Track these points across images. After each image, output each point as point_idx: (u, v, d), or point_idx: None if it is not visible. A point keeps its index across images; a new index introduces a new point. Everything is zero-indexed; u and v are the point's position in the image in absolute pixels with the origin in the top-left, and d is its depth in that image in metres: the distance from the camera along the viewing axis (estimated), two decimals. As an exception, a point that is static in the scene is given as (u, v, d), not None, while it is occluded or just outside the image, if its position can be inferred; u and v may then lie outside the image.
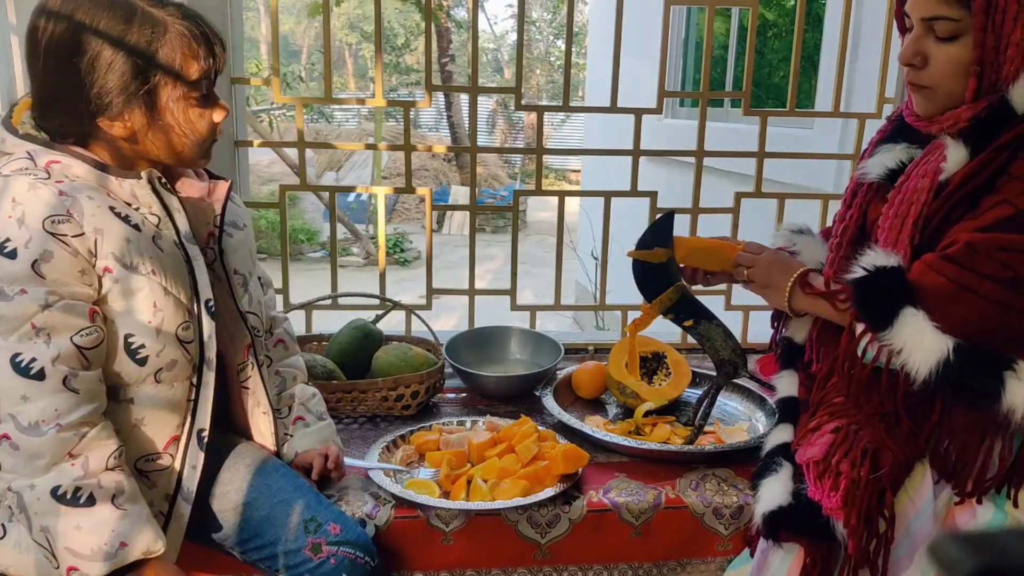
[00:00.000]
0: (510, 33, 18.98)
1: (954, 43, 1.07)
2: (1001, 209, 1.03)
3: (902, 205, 1.14)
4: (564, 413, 1.63)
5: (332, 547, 1.18)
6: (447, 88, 6.28)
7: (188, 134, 1.12)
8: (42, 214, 1.01)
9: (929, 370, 1.03)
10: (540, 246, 9.28)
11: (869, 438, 1.11)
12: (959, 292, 1.03)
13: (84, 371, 1.04)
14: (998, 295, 1.01)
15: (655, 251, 1.45)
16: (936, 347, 1.02)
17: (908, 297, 1.05)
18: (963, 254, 1.03)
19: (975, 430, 1.07)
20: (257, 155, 9.92)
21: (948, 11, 1.06)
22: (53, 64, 1.05)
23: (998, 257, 1.01)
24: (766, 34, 4.81)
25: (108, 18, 1.04)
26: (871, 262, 1.10)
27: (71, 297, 1.03)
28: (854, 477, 1.08)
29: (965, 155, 1.08)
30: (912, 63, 1.12)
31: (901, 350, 1.04)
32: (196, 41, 1.08)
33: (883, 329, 1.06)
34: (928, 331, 1.03)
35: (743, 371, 1.54)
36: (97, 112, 1.06)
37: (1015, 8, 1.03)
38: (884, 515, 1.08)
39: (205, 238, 1.24)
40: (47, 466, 1.01)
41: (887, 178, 1.20)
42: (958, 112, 1.10)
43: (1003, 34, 1.04)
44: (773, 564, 1.16)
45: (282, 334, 1.49)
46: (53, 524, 1.01)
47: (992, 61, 1.06)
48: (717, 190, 2.33)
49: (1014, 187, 1.02)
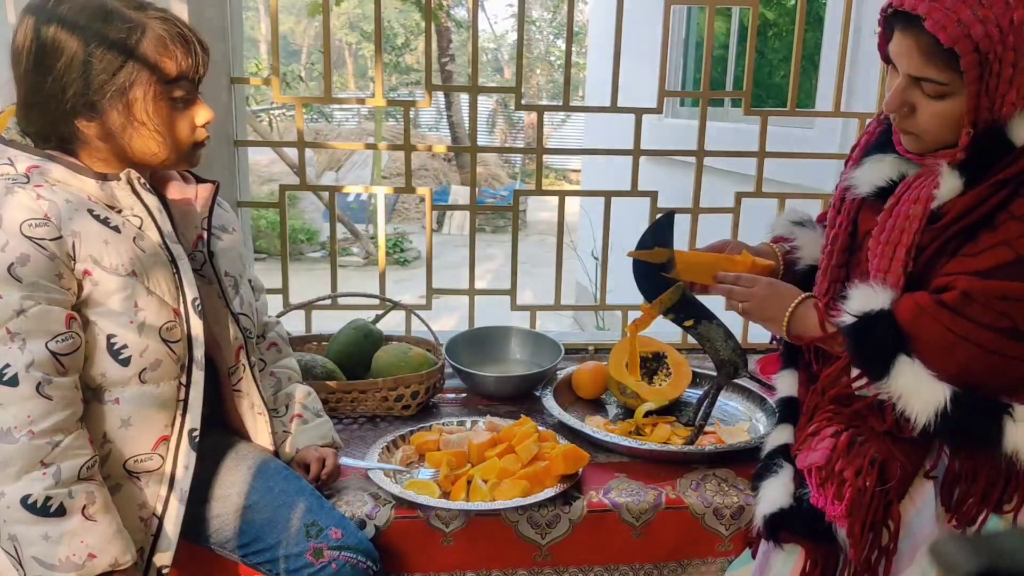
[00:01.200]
0: (510, 33, 18.98)
1: (943, 100, 1.05)
2: (1001, 252, 1.01)
3: (893, 231, 1.12)
4: (564, 413, 1.63)
5: (333, 552, 1.18)
6: (447, 88, 6.30)
7: (165, 136, 1.12)
8: (19, 218, 1.02)
9: (928, 419, 1.02)
10: (540, 246, 9.28)
11: (876, 449, 1.10)
12: (956, 342, 1.02)
13: (59, 377, 1.03)
14: (995, 345, 1.00)
15: (655, 251, 1.45)
16: (933, 396, 1.02)
17: (902, 345, 1.05)
18: (960, 303, 1.02)
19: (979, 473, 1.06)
20: (257, 155, 9.92)
21: (937, 75, 1.03)
22: (31, 65, 1.06)
23: (997, 307, 1.00)
24: (766, 34, 4.81)
25: (85, 19, 1.04)
26: (860, 307, 1.09)
27: (47, 302, 1.02)
28: (859, 486, 1.07)
29: (959, 184, 1.06)
30: (899, 112, 1.10)
31: (899, 397, 1.04)
32: (173, 41, 1.09)
33: (880, 379, 1.06)
34: (925, 380, 1.03)
35: (743, 371, 1.54)
36: (74, 113, 1.07)
37: (1010, 72, 1.00)
38: (888, 527, 1.07)
39: (194, 241, 1.24)
40: (18, 474, 1.00)
41: (876, 195, 1.19)
42: (953, 153, 1.08)
43: (997, 95, 1.02)
44: (775, 565, 1.16)
45: (275, 337, 1.50)
46: (22, 533, 1.00)
47: (987, 119, 1.04)
48: (717, 190, 2.33)
49: (1014, 228, 1.01)
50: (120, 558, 1.05)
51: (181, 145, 1.15)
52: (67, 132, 1.10)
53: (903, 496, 1.09)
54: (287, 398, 1.43)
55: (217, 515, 1.24)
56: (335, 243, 2.13)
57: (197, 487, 1.19)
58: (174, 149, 1.14)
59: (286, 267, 2.12)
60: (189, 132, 1.15)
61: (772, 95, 4.79)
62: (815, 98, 3.17)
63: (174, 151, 1.14)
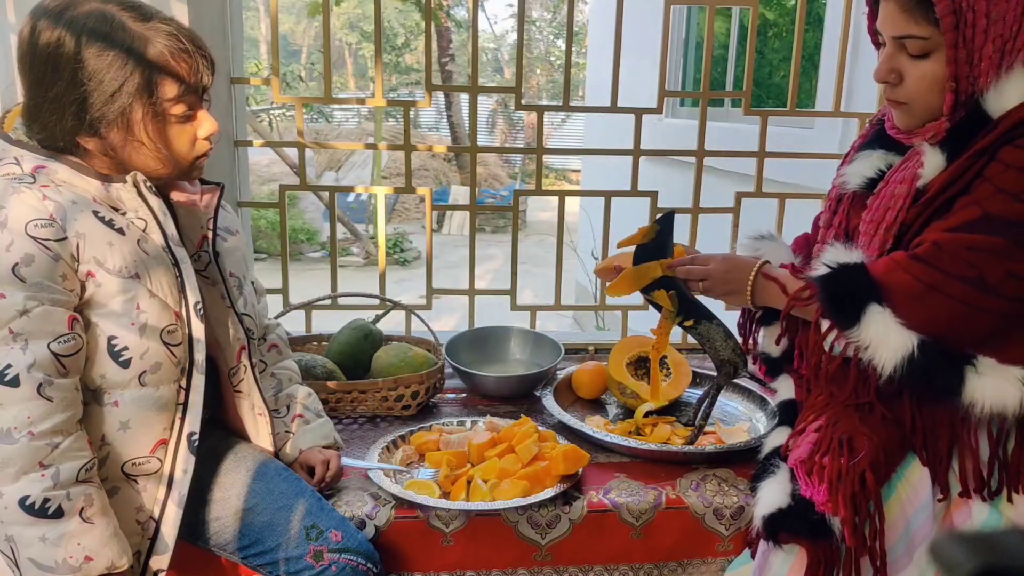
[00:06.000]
0: (510, 33, 18.98)
1: (927, 60, 1.09)
2: (970, 211, 1.04)
3: (879, 211, 1.16)
4: (564, 413, 1.62)
5: (334, 554, 1.18)
6: (447, 88, 6.29)
7: (166, 153, 1.11)
8: (25, 218, 1.01)
9: (895, 365, 1.05)
10: (540, 246, 9.28)
11: (845, 429, 1.13)
12: (926, 290, 1.04)
13: (60, 379, 1.03)
14: (963, 295, 1.03)
15: (641, 229, 1.45)
16: (901, 343, 1.05)
17: (874, 294, 1.07)
18: (930, 253, 1.05)
19: (943, 425, 1.09)
20: (257, 155, 9.92)
21: (918, 30, 1.07)
22: (35, 77, 1.06)
23: (964, 257, 1.02)
24: (766, 34, 4.81)
25: (89, 33, 1.03)
26: (834, 259, 1.12)
27: (50, 303, 1.02)
28: (836, 467, 1.10)
29: (942, 161, 1.10)
30: (887, 80, 1.13)
31: (868, 346, 1.06)
32: (176, 57, 1.07)
33: (850, 327, 1.08)
34: (894, 328, 1.05)
35: (743, 371, 1.54)
36: (75, 131, 1.07)
37: (984, 22, 1.03)
38: (868, 496, 1.08)
39: (198, 242, 1.24)
40: (16, 474, 0.99)
41: (866, 187, 1.22)
42: (938, 124, 1.11)
43: (975, 47, 1.05)
44: (774, 565, 1.16)
45: (275, 339, 1.50)
46: (19, 534, 1.00)
47: (966, 75, 1.07)
48: (717, 190, 2.33)
49: (985, 189, 1.04)
50: (116, 561, 1.05)
51: (182, 161, 1.14)
52: (68, 145, 1.09)
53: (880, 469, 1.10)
54: (288, 399, 1.43)
55: (217, 517, 1.24)
56: (335, 243, 2.13)
57: (197, 489, 1.19)
58: (175, 165, 1.14)
59: (286, 267, 2.12)
60: (190, 146, 1.14)
61: (772, 95, 4.79)
62: (815, 98, 3.17)
63: (175, 167, 1.14)
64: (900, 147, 1.20)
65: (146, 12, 1.08)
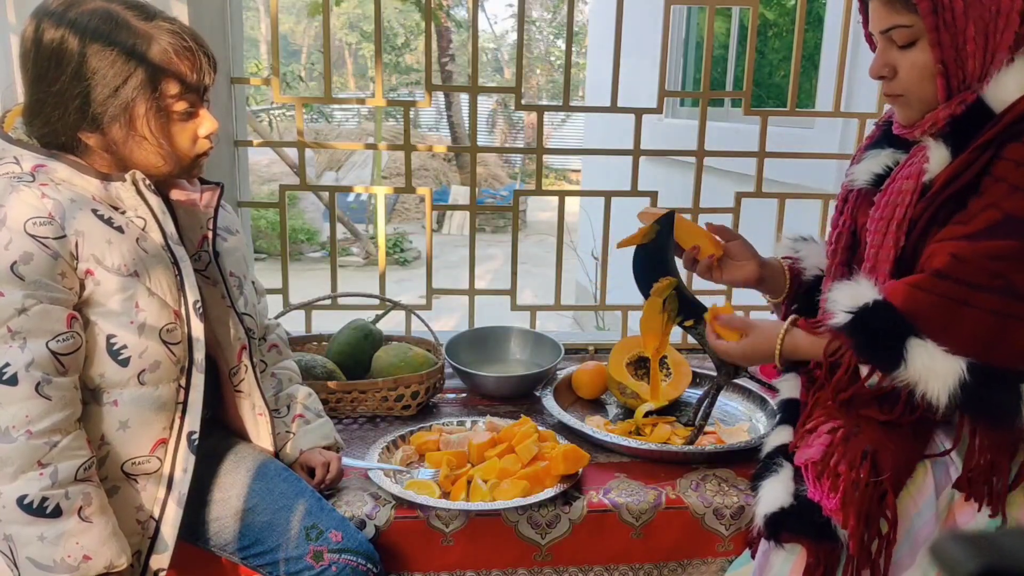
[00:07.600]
0: (510, 33, 18.98)
1: (914, 48, 1.09)
2: (989, 213, 1.02)
3: (887, 207, 1.14)
4: (564, 413, 1.62)
5: (334, 555, 1.18)
6: (447, 88, 6.29)
7: (167, 149, 1.11)
8: (24, 216, 1.01)
9: (948, 394, 1.01)
10: (540, 246, 9.28)
11: (869, 439, 1.10)
12: (955, 308, 1.01)
13: (59, 377, 1.03)
14: (993, 304, 1.00)
15: (641, 230, 1.45)
16: (950, 370, 1.01)
17: (906, 328, 1.03)
18: (951, 267, 1.02)
19: (1003, 450, 1.06)
20: (257, 155, 9.92)
21: (899, 19, 1.08)
22: (35, 75, 1.06)
23: (988, 266, 1.00)
24: (766, 34, 4.81)
25: (92, 31, 1.03)
26: (851, 303, 1.08)
27: (49, 301, 1.02)
28: (853, 478, 1.07)
29: (947, 155, 1.09)
30: (882, 75, 1.14)
31: (918, 382, 1.03)
32: (178, 55, 1.08)
33: (895, 368, 1.04)
34: (939, 357, 1.01)
35: (743, 371, 1.54)
36: (76, 126, 1.07)
37: (961, 4, 1.04)
38: (886, 516, 1.08)
39: (199, 242, 1.24)
40: (15, 473, 0.99)
41: (874, 183, 1.21)
42: (935, 113, 1.11)
43: (957, 30, 1.05)
44: (775, 565, 1.16)
45: (275, 339, 1.50)
46: (17, 533, 1.00)
47: (953, 58, 1.07)
48: (717, 190, 2.33)
49: (999, 189, 1.02)
50: (115, 560, 1.05)
51: (183, 158, 1.15)
52: (70, 141, 1.09)
53: (899, 489, 1.09)
54: (288, 399, 1.43)
55: (217, 517, 1.24)
56: (335, 243, 2.13)
57: (197, 489, 1.19)
58: (176, 162, 1.14)
59: (286, 267, 2.12)
60: (191, 144, 1.14)
61: (772, 95, 4.79)
62: (815, 98, 3.17)
63: (176, 164, 1.14)
64: (907, 145, 1.19)
65: (149, 11, 1.08)
